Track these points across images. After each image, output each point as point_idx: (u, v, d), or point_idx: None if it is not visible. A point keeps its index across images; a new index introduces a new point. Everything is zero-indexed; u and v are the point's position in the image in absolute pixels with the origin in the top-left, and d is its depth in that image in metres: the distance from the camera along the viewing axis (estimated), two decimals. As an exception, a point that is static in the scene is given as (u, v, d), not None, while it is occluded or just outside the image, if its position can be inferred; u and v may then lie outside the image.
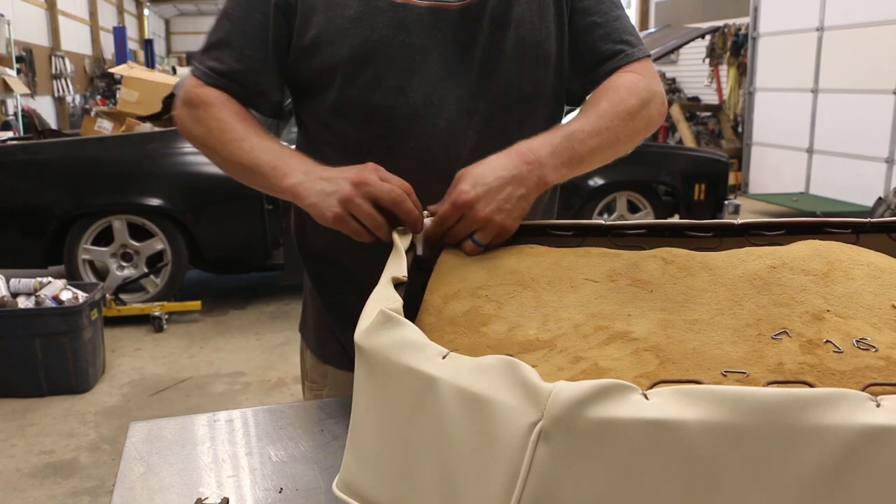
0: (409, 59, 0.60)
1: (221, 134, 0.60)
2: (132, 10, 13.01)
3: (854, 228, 0.54)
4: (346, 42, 0.60)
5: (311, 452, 0.55)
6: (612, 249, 0.52)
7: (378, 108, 0.61)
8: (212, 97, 0.62)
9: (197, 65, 0.64)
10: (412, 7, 0.60)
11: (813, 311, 0.42)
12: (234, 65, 0.63)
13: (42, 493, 1.50)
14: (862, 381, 0.35)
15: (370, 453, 0.37)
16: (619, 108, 0.59)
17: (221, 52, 0.63)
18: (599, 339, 0.41)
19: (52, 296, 1.99)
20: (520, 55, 0.62)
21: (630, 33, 0.64)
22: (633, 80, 0.62)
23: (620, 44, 0.63)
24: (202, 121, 0.62)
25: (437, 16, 0.60)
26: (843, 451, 0.28)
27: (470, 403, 0.32)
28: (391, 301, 0.40)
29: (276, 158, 0.57)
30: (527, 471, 0.30)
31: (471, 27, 0.60)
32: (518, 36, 0.61)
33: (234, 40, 0.63)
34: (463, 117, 0.61)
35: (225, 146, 0.60)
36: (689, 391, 0.29)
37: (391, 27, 0.59)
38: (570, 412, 0.29)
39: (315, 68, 0.62)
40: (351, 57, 0.60)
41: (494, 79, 0.62)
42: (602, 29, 0.63)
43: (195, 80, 0.64)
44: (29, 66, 6.71)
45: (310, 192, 0.54)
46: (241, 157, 0.59)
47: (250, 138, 0.59)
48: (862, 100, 4.03)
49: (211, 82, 0.63)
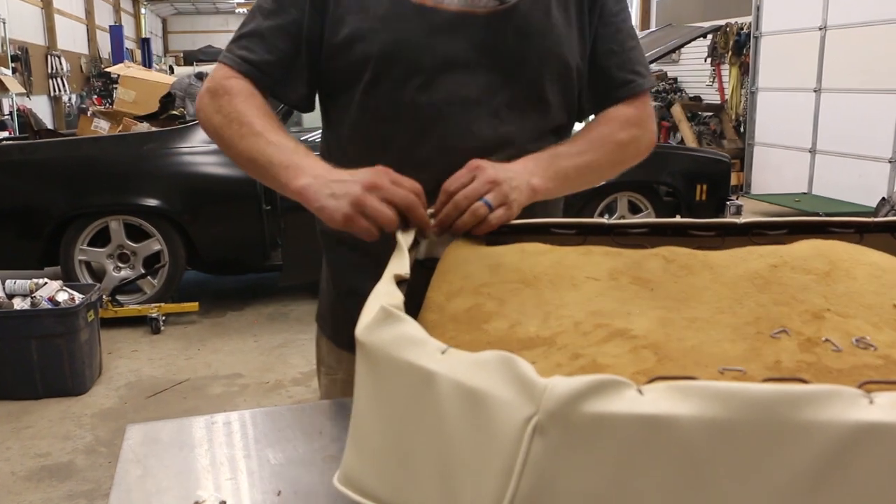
0: (436, 59, 0.61)
1: (240, 127, 0.61)
2: (129, 8, 12.98)
3: (857, 228, 0.54)
4: (377, 40, 0.61)
5: (309, 455, 0.55)
6: (614, 248, 0.52)
7: (404, 106, 0.62)
8: (237, 88, 0.63)
9: (226, 53, 0.64)
10: (440, 11, 0.61)
11: (813, 310, 0.42)
12: (266, 55, 0.63)
13: (38, 497, 1.49)
14: (859, 379, 0.35)
15: (370, 447, 0.37)
16: (609, 139, 0.65)
17: (252, 42, 0.64)
18: (599, 337, 0.41)
19: (49, 297, 1.98)
20: (544, 64, 0.64)
21: (642, 64, 0.68)
22: (630, 114, 0.67)
23: (632, 74, 0.67)
24: (223, 111, 0.62)
25: (465, 21, 0.62)
26: (835, 448, 0.28)
27: (467, 398, 0.32)
28: (392, 297, 0.40)
29: (289, 158, 0.57)
30: (522, 464, 0.30)
31: (497, 34, 0.62)
32: (544, 46, 0.63)
33: (267, 32, 0.64)
34: (485, 119, 0.63)
35: (242, 140, 0.60)
36: (683, 387, 0.29)
37: (419, 28, 0.61)
38: (565, 407, 0.29)
39: (346, 65, 0.63)
40: (380, 55, 0.62)
41: (517, 85, 0.63)
42: (618, 57, 0.67)
43: (224, 69, 0.64)
44: (25, 66, 6.69)
45: (319, 196, 0.54)
46: (255, 153, 0.59)
47: (267, 135, 0.60)
48: (865, 99, 4.04)
49: (240, 70, 0.63)
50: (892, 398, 0.29)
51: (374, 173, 0.53)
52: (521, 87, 0.64)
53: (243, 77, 0.63)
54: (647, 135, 0.68)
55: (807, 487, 0.28)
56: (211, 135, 0.65)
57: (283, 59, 0.64)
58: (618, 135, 0.65)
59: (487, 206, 0.53)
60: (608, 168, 0.66)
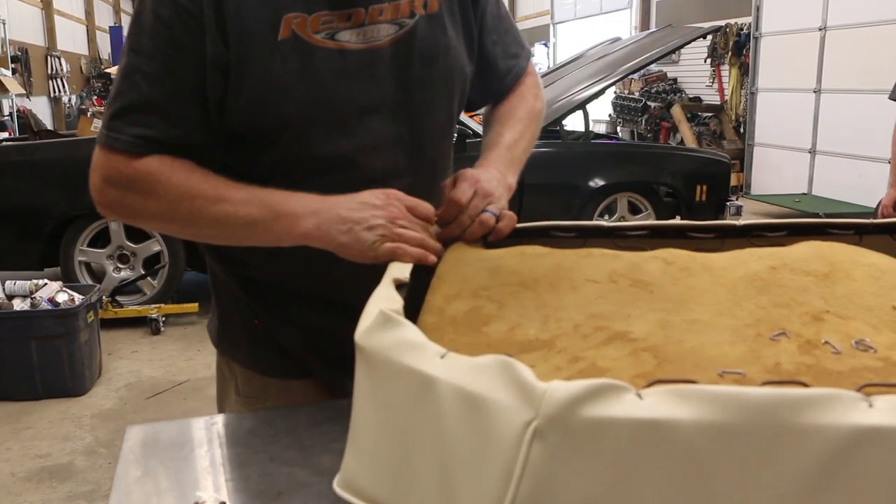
0: (354, 106, 0.58)
1: (191, 202, 0.53)
2: (129, 9, 12.98)
3: (856, 229, 0.54)
4: (292, 100, 0.55)
5: (309, 456, 0.55)
6: (614, 250, 0.52)
7: (325, 158, 0.59)
8: (153, 166, 0.54)
9: (116, 135, 0.53)
10: (349, 52, 0.57)
11: (813, 312, 0.42)
12: (170, 129, 0.54)
13: (37, 498, 1.49)
14: (858, 381, 0.35)
15: (370, 451, 0.37)
16: (532, 113, 0.69)
17: (147, 117, 0.54)
18: (598, 340, 0.41)
19: (48, 298, 1.98)
20: (449, 82, 0.64)
21: (517, 43, 0.71)
22: (531, 83, 0.71)
23: (513, 58, 0.70)
24: (156, 195, 0.54)
25: (373, 56, 0.58)
26: (835, 451, 0.28)
27: (467, 402, 0.32)
28: (392, 301, 0.40)
29: (271, 208, 0.53)
30: (521, 469, 0.30)
31: (403, 64, 0.60)
32: (446, 65, 0.63)
33: (163, 101, 0.54)
34: (398, 152, 0.61)
35: (200, 214, 0.54)
36: (682, 391, 0.30)
37: (336, 78, 0.57)
38: (565, 411, 0.29)
39: (256, 127, 0.57)
40: (298, 115, 0.56)
41: (429, 109, 0.63)
42: (499, 46, 0.69)
43: (119, 156, 0.54)
44: (25, 67, 6.69)
45: (336, 235, 0.52)
46: (226, 220, 0.53)
47: (228, 195, 0.54)
48: (865, 100, 4.04)
49: (144, 152, 0.53)
50: (891, 402, 0.29)
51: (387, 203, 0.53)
52: (434, 110, 0.63)
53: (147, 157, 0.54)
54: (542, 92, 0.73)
55: (807, 491, 0.28)
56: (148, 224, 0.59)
57: (193, 131, 0.55)
58: (536, 105, 0.70)
59: (494, 217, 0.56)
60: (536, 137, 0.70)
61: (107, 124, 0.55)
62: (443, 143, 0.66)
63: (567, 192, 2.85)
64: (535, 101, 0.70)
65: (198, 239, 0.60)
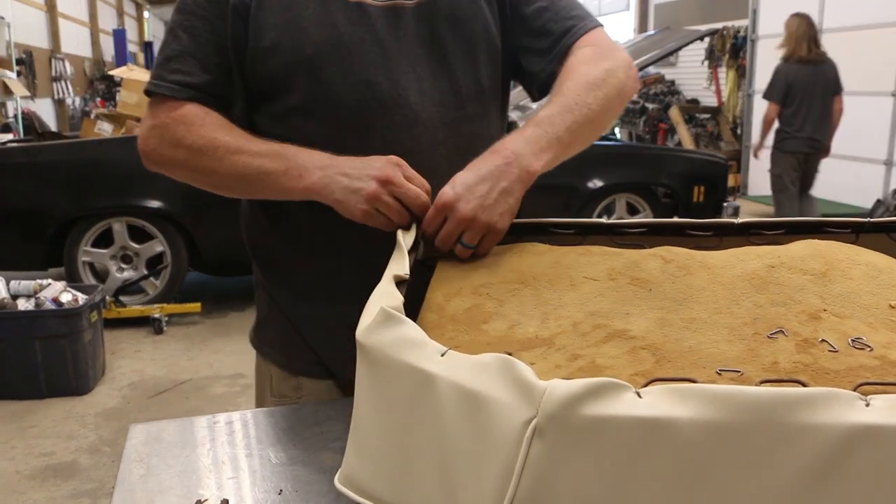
0: (373, 53, 0.60)
1: (214, 151, 0.57)
2: (132, 12, 13.04)
3: (853, 228, 0.54)
4: (308, 40, 0.59)
5: (310, 454, 0.55)
6: (613, 248, 0.52)
7: (346, 103, 0.60)
8: (189, 116, 0.59)
9: (158, 81, 0.60)
10: (368, 6, 0.60)
11: (810, 311, 0.42)
12: (204, 75, 0.60)
13: (42, 496, 1.50)
14: (855, 380, 0.35)
15: (371, 448, 0.37)
16: (582, 82, 0.58)
17: (185, 64, 0.60)
18: (597, 338, 0.41)
19: (52, 298, 1.99)
20: (474, 50, 0.63)
21: (576, 9, 0.65)
22: (589, 53, 0.61)
23: (569, 20, 0.64)
24: (184, 143, 0.59)
25: (395, 13, 0.61)
26: (832, 450, 0.29)
27: (467, 400, 0.32)
28: (392, 299, 0.40)
29: (283, 161, 0.56)
30: (521, 467, 0.30)
31: (427, 24, 0.61)
32: (473, 31, 0.62)
33: (198, 50, 0.60)
34: (429, 110, 0.61)
35: (221, 163, 0.58)
36: (681, 390, 0.30)
37: (352, 24, 0.59)
38: (564, 410, 0.30)
39: (275, 69, 0.60)
40: (315, 54, 0.59)
41: (453, 73, 0.62)
42: (549, 12, 0.64)
43: (162, 103, 0.60)
44: (29, 69, 6.72)
45: (334, 189, 0.53)
46: (242, 169, 0.57)
47: (247, 146, 0.57)
48: (860, 102, 4.03)
49: (181, 96, 0.59)
50: (888, 401, 0.29)
51: (388, 166, 0.53)
52: (459, 76, 0.62)
53: (188, 102, 0.59)
54: (621, 63, 0.61)
55: (804, 489, 0.29)
56: (177, 173, 0.61)
57: (224, 77, 0.60)
58: (590, 76, 0.58)
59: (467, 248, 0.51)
60: (600, 115, 0.58)
61: (152, 75, 0.61)
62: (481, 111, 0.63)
63: (566, 193, 2.85)
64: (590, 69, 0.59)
65: (219, 191, 0.62)
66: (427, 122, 0.61)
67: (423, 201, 0.52)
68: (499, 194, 0.52)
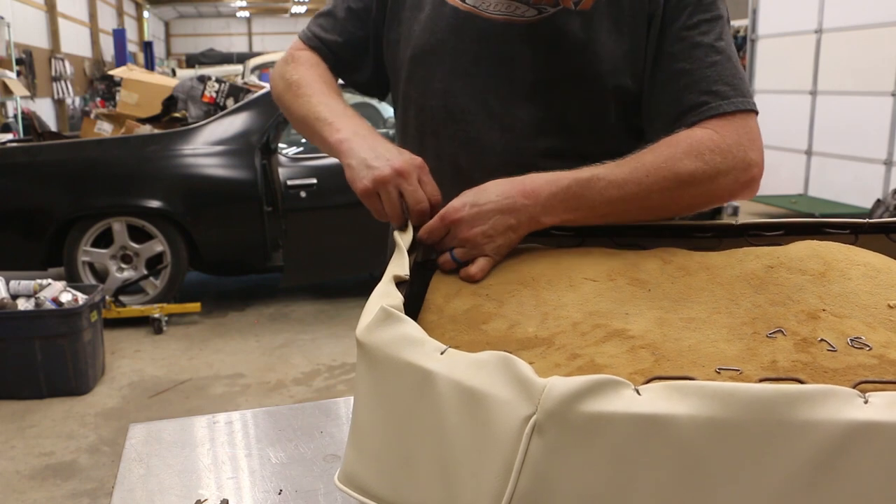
0: (458, 64, 0.62)
1: (298, 89, 0.65)
2: (132, 12, 13.03)
3: (853, 229, 0.54)
4: (412, 42, 0.64)
5: (310, 454, 0.55)
6: (612, 249, 0.52)
7: (426, 107, 0.64)
8: (304, 58, 0.68)
9: (305, 29, 0.71)
10: (477, 17, 0.60)
11: (808, 311, 0.42)
12: (334, 35, 0.68)
13: (41, 495, 1.50)
14: (854, 378, 0.35)
15: (371, 446, 0.38)
16: (663, 167, 0.50)
17: (326, 21, 0.69)
18: (597, 337, 0.41)
19: (52, 298, 1.99)
20: (573, 83, 0.58)
21: (725, 82, 0.54)
22: (706, 138, 0.51)
23: (707, 94, 0.53)
24: (286, 76, 0.67)
25: (504, 29, 0.59)
26: (830, 446, 0.29)
27: (466, 398, 0.33)
28: (392, 298, 0.40)
29: (334, 115, 0.61)
30: (521, 463, 0.30)
31: (531, 45, 0.58)
32: (574, 63, 0.57)
33: (341, 14, 0.69)
34: (493, 133, 0.60)
35: (296, 100, 0.64)
36: (680, 386, 0.30)
37: (448, 32, 0.62)
38: (564, 406, 0.30)
39: (393, 60, 0.67)
40: (411, 56, 0.64)
41: (537, 101, 0.59)
42: (689, 77, 0.54)
43: (298, 42, 0.70)
44: (29, 69, 6.72)
45: (353, 155, 0.55)
46: (305, 111, 0.63)
47: (320, 96, 0.63)
48: (860, 102, 4.04)
49: (310, 44, 0.69)
50: (886, 398, 0.29)
51: (410, 162, 0.53)
52: (546, 107, 0.59)
53: (312, 51, 0.69)
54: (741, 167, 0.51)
55: (803, 486, 0.29)
56: (276, 100, 0.69)
57: (350, 42, 0.68)
58: (679, 163, 0.50)
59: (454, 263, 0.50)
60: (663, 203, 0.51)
61: (309, 22, 0.71)
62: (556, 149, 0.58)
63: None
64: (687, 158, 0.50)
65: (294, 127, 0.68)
66: (487, 145, 0.60)
67: (422, 208, 0.52)
68: (504, 230, 0.50)
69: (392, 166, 0.52)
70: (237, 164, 2.49)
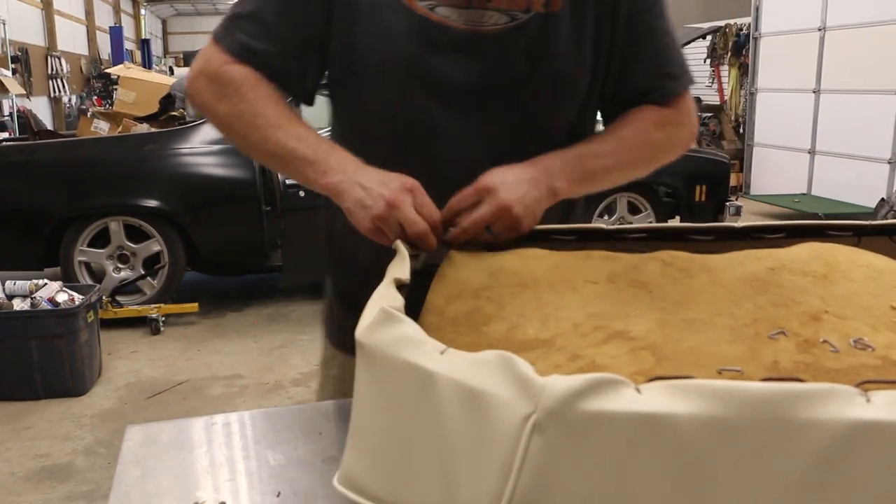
0: (434, 78, 0.59)
1: (253, 119, 0.58)
2: (129, 9, 12.99)
3: (855, 231, 0.54)
4: (378, 50, 0.59)
5: (309, 456, 0.55)
6: (613, 252, 0.52)
7: (397, 121, 0.61)
8: (240, 76, 0.58)
9: (223, 34, 0.60)
10: (446, 28, 0.58)
11: (811, 312, 0.42)
12: (268, 46, 0.59)
13: (37, 498, 1.49)
14: (856, 379, 0.35)
15: (370, 447, 0.37)
16: (643, 140, 0.60)
17: (254, 27, 0.59)
18: (598, 338, 0.41)
19: (48, 298, 1.98)
20: (551, 89, 0.60)
21: (673, 64, 0.62)
22: (666, 114, 0.62)
23: (661, 78, 0.62)
24: (229, 100, 0.58)
25: (472, 40, 0.58)
26: (833, 446, 0.28)
27: (466, 397, 0.32)
28: (392, 300, 0.40)
29: (315, 152, 0.56)
30: (521, 462, 0.30)
31: (504, 56, 0.58)
32: (553, 69, 0.59)
33: (270, 18, 0.59)
34: (479, 144, 0.59)
35: (257, 132, 0.58)
36: (681, 385, 0.30)
37: (421, 43, 0.58)
38: (564, 405, 0.30)
39: (351, 66, 0.61)
40: (378, 65, 0.59)
41: (520, 110, 0.60)
42: (645, 61, 0.61)
43: (220, 54, 0.59)
44: (25, 67, 6.69)
45: (348, 198, 0.54)
46: (275, 146, 0.57)
47: (286, 126, 0.57)
48: (864, 100, 4.04)
49: (240, 58, 0.59)
50: (889, 397, 0.29)
51: (401, 190, 0.52)
52: (526, 115, 0.60)
53: (243, 64, 0.59)
54: (686, 130, 0.63)
55: (805, 485, 0.29)
56: (215, 122, 0.62)
57: (288, 52, 0.59)
58: (653, 135, 0.61)
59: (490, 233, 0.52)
60: (639, 168, 0.62)
61: (223, 23, 0.61)
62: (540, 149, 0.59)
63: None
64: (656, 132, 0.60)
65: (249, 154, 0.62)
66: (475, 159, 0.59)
67: (420, 231, 0.52)
68: (533, 199, 0.54)
69: (385, 201, 0.52)
70: (235, 163, 2.48)
